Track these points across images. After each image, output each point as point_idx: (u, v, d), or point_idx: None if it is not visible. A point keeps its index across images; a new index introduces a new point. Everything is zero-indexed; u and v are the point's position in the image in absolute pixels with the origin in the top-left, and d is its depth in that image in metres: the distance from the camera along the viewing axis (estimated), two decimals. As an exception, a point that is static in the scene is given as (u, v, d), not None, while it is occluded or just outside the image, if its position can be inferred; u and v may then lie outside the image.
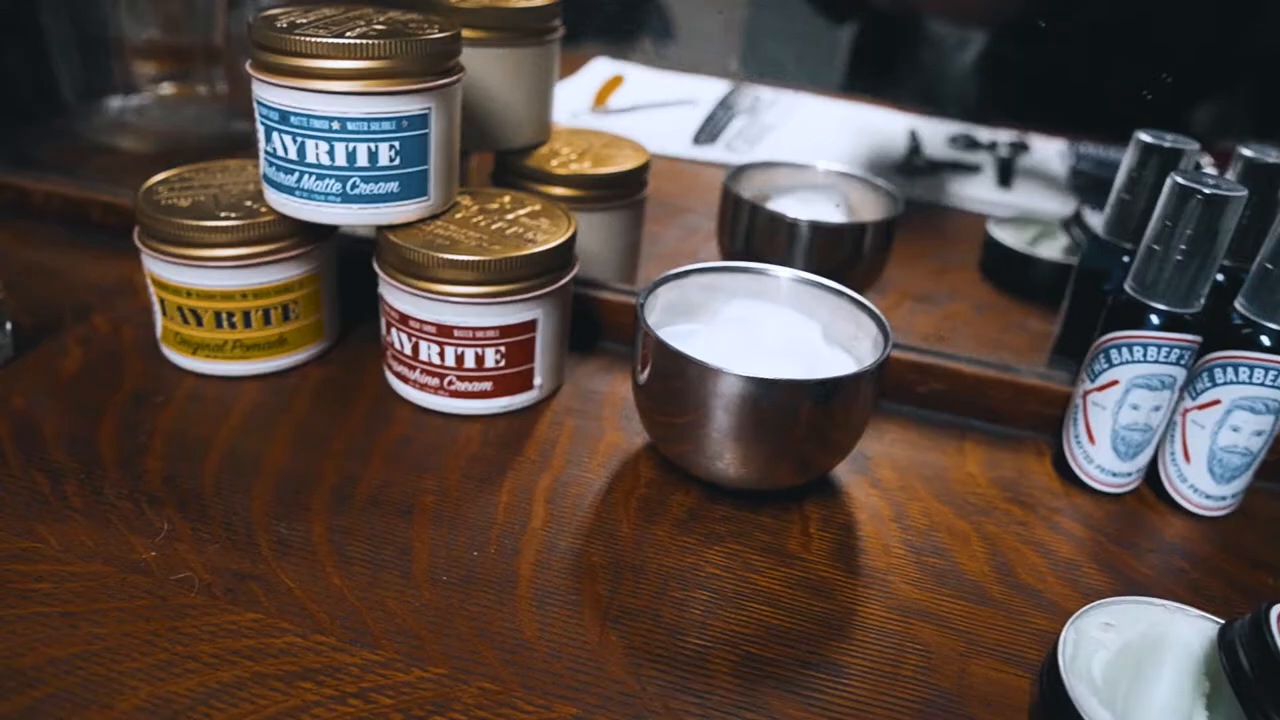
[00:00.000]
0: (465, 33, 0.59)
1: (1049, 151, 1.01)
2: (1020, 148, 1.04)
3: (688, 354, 0.47)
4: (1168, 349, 0.51)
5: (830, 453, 0.51)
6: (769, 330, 0.54)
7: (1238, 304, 0.52)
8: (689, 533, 0.49)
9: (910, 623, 0.45)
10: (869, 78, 1.21)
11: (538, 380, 0.56)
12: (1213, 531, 0.54)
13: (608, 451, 0.54)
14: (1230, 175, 0.55)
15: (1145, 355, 0.52)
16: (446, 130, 0.53)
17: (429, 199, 0.54)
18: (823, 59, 1.28)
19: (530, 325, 0.54)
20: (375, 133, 0.50)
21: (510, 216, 0.56)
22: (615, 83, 1.06)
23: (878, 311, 0.52)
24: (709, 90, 1.08)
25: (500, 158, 0.66)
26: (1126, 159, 0.58)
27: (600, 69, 1.10)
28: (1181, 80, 1.06)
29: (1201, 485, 0.54)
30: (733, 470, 0.49)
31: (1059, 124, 1.06)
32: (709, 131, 0.97)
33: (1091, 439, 0.55)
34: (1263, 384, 0.51)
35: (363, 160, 0.51)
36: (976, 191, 0.92)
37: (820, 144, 1.01)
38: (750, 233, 0.66)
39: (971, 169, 0.96)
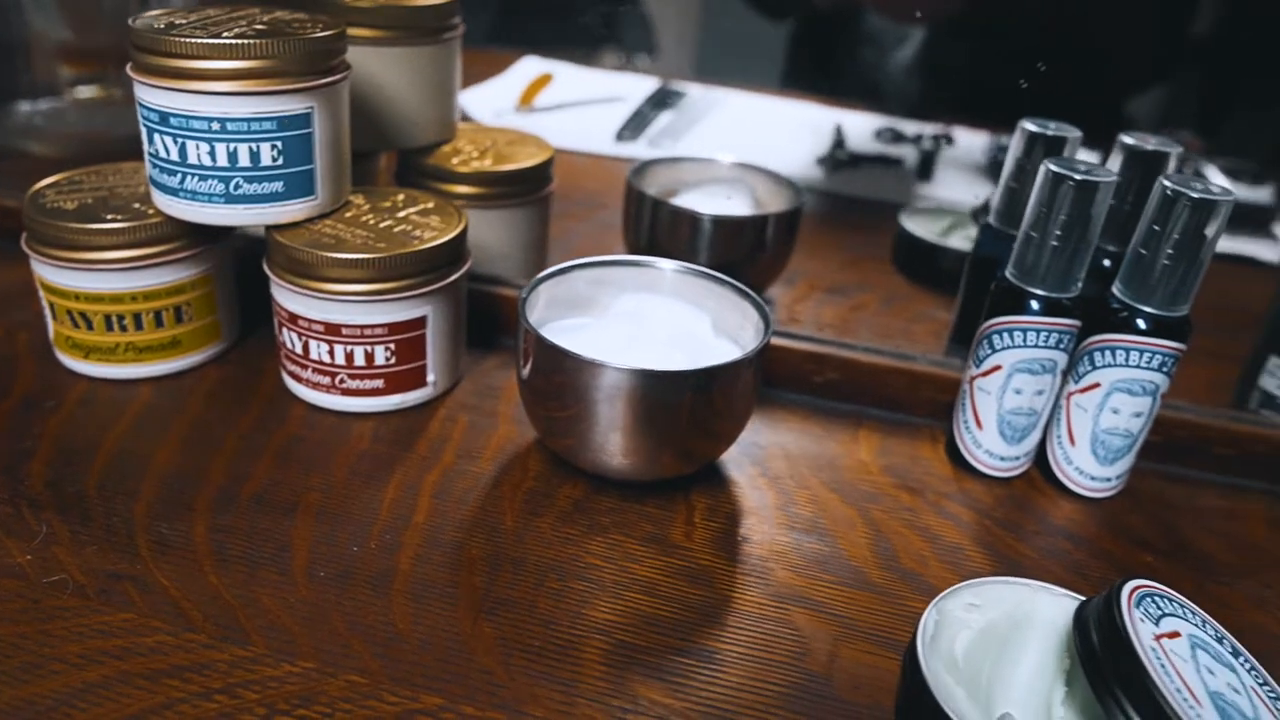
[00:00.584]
0: (361, 32, 0.59)
1: (974, 144, 1.02)
2: (945, 140, 1.05)
3: (566, 348, 0.47)
4: (1046, 333, 0.52)
5: (714, 441, 0.51)
6: (657, 323, 0.54)
7: (1115, 288, 0.53)
8: (573, 524, 0.49)
9: (787, 609, 0.46)
10: (807, 74, 1.22)
11: (431, 377, 0.56)
12: (1098, 512, 0.55)
13: (499, 446, 0.54)
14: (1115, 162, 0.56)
15: (1025, 340, 0.52)
16: (332, 129, 0.53)
17: (316, 198, 0.54)
18: (759, 56, 1.29)
19: (420, 322, 0.54)
20: (256, 133, 0.50)
21: (401, 214, 0.56)
22: (543, 81, 1.06)
23: (759, 300, 0.52)
24: (639, 88, 1.09)
25: (402, 157, 0.66)
26: (1013, 148, 0.58)
27: (529, 67, 1.10)
28: (1113, 72, 1.08)
29: (1086, 467, 0.55)
30: (617, 462, 0.50)
31: (992, 117, 1.07)
32: (633, 128, 0.98)
33: (979, 424, 0.55)
34: (1139, 366, 0.52)
35: (244, 161, 0.51)
36: (900, 184, 0.93)
37: (745, 139, 1.01)
38: (654, 228, 0.66)
39: (893, 162, 0.97)
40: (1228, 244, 0.89)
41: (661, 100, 1.06)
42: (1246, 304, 0.69)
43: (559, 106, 1.03)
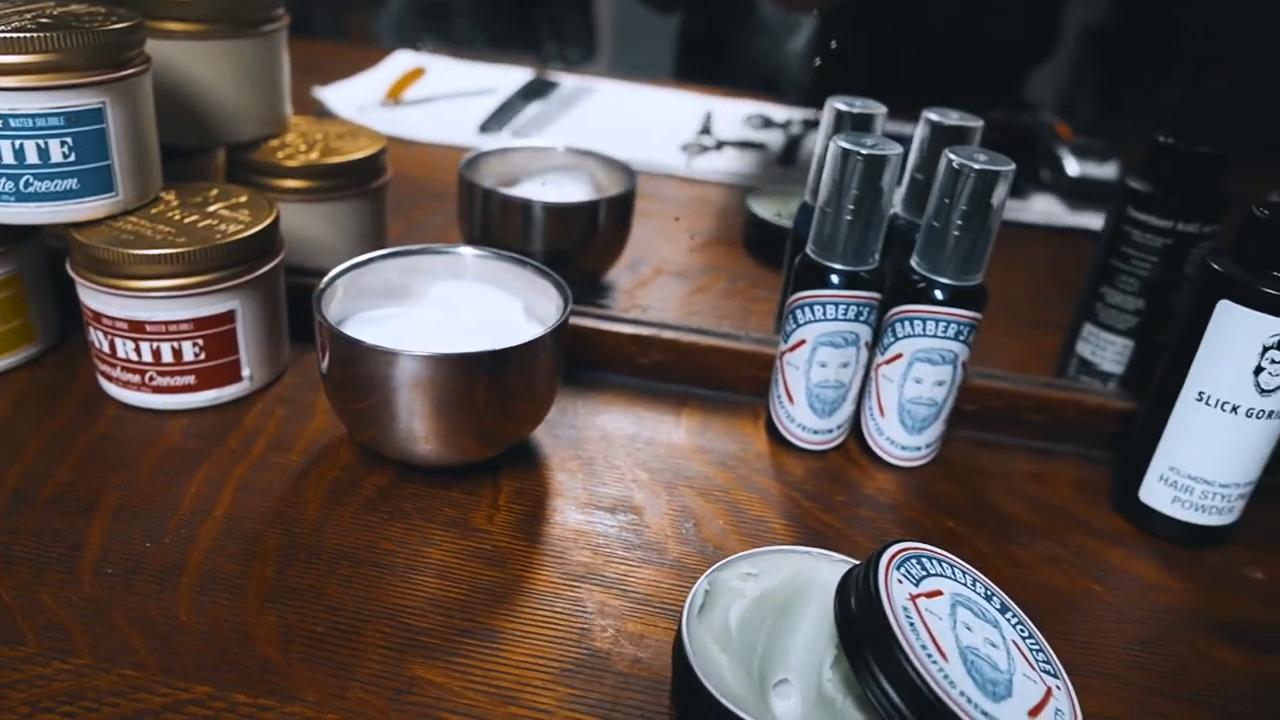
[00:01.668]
0: (176, 26, 0.59)
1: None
2: (813, 125, 1.06)
3: (357, 339, 0.48)
4: (845, 306, 0.53)
5: (516, 423, 0.52)
6: (467, 310, 0.55)
7: (913, 260, 0.54)
8: (375, 512, 0.49)
9: (578, 587, 0.46)
10: (701, 65, 1.22)
11: (246, 371, 0.56)
12: (909, 481, 0.56)
13: (312, 438, 0.54)
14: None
15: (825, 314, 0.53)
16: (131, 124, 0.53)
17: (117, 195, 0.53)
18: (645, 47, 1.30)
19: (228, 316, 0.54)
20: (43, 129, 0.50)
21: (211, 209, 0.56)
22: (415, 75, 1.06)
23: (560, 281, 0.53)
24: (512, 80, 1.09)
25: (229, 152, 0.65)
26: (822, 127, 0.59)
27: (401, 61, 1.10)
28: (995, 56, 1.10)
29: (896, 437, 0.56)
30: (419, 448, 0.50)
31: (884, 103, 1.08)
32: (498, 120, 0.98)
33: (790, 399, 0.56)
34: (936, 336, 0.53)
35: (33, 158, 0.50)
36: (763, 169, 0.94)
37: (613, 128, 1.02)
38: (486, 218, 0.66)
39: (757, 147, 0.98)
40: (1074, 218, 0.91)
41: (533, 91, 1.06)
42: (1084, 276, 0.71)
43: (428, 100, 1.03)
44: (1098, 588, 0.50)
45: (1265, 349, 0.48)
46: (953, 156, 0.50)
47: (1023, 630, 0.42)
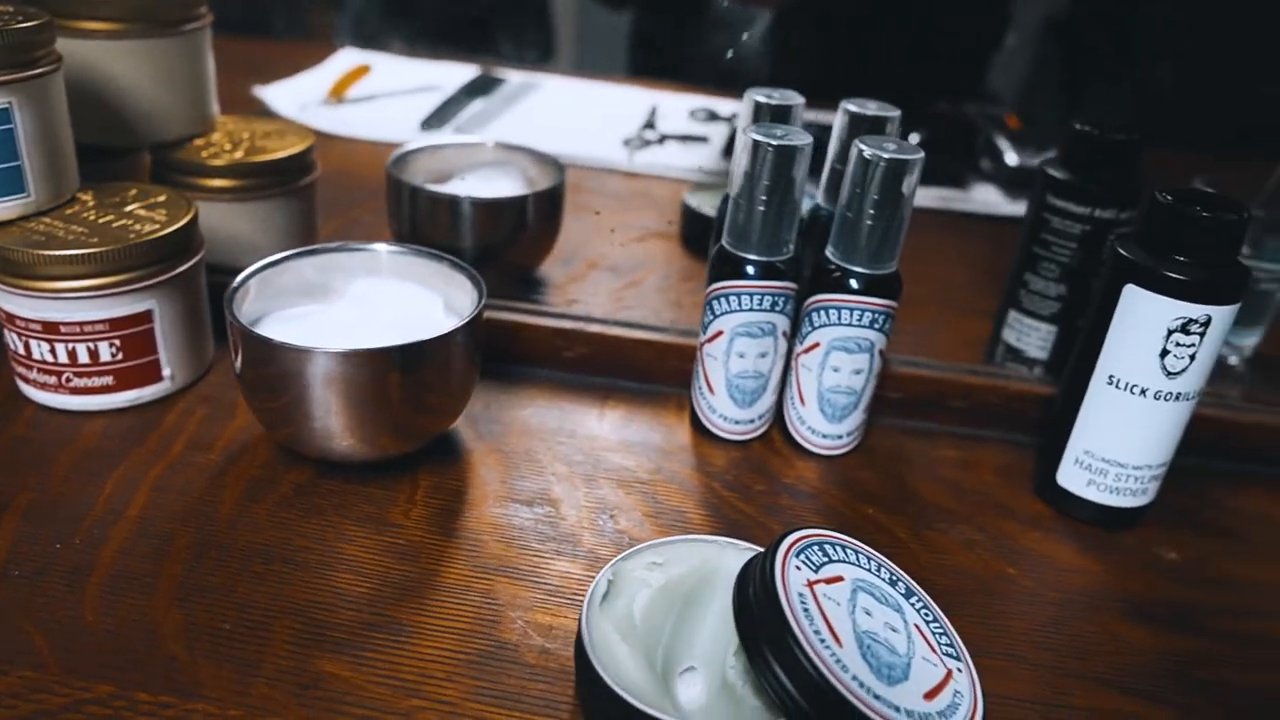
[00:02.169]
0: (95, 25, 0.58)
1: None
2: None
3: (268, 337, 0.48)
4: (760, 296, 0.53)
5: (433, 417, 0.52)
6: (385, 306, 0.55)
7: (828, 250, 0.54)
8: (291, 509, 0.49)
9: (490, 579, 0.47)
10: (656, 60, 1.23)
11: (167, 371, 0.56)
12: (831, 469, 0.56)
13: (233, 437, 0.54)
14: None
15: (741, 304, 0.53)
16: (42, 125, 0.52)
17: (29, 195, 0.53)
18: (595, 42, 1.30)
19: (145, 316, 0.54)
20: (-51, 130, 0.50)
21: (128, 209, 0.55)
22: (359, 72, 1.06)
23: (475, 274, 0.53)
24: (459, 77, 1.09)
25: (153, 152, 0.65)
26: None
27: (346, 59, 1.10)
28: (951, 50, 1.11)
29: (817, 426, 0.56)
30: (335, 445, 0.50)
31: (838, 96, 1.09)
32: (440, 117, 0.97)
33: (711, 389, 0.56)
34: (852, 324, 0.53)
35: (-60, 159, 0.50)
36: (705, 162, 0.94)
37: (554, 123, 1.02)
38: (414, 215, 0.66)
39: (700, 140, 0.98)
40: (1013, 207, 0.91)
41: (477, 88, 1.06)
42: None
43: (370, 98, 1.02)
44: (1012, 571, 0.51)
45: (1170, 332, 0.49)
46: (863, 146, 0.51)
47: (927, 614, 0.43)
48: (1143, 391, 0.50)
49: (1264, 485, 0.60)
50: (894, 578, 0.44)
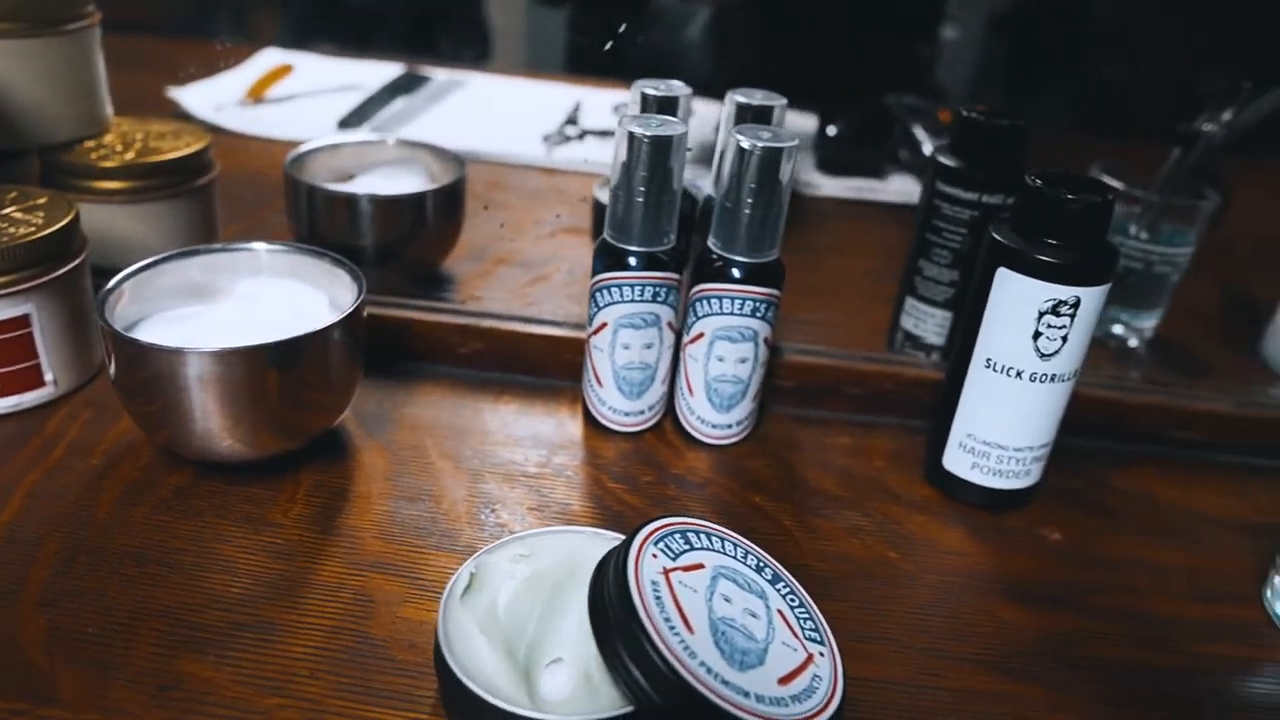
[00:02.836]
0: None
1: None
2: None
3: (136, 339, 0.47)
4: (642, 287, 0.53)
5: (313, 415, 0.51)
6: (270, 306, 0.54)
7: (709, 240, 0.54)
8: (168, 512, 0.49)
9: (365, 576, 0.46)
10: (592, 57, 1.22)
11: (49, 376, 0.55)
12: (721, 458, 0.57)
13: (116, 441, 0.54)
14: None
15: (623, 295, 0.54)
16: (-88, 129, 0.52)
17: (-99, 200, 0.52)
18: (526, 39, 1.30)
19: (23, 320, 0.53)
20: None
21: (5, 212, 0.55)
22: (281, 72, 1.05)
23: (355, 270, 0.53)
24: (383, 76, 1.08)
25: (41, 155, 0.64)
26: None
27: (268, 59, 1.09)
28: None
29: (706, 415, 0.57)
30: (213, 446, 0.49)
31: (779, 90, 1.09)
32: (360, 116, 0.97)
33: (599, 382, 0.56)
34: (734, 313, 0.54)
35: None
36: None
37: (476, 121, 1.02)
38: (312, 214, 0.66)
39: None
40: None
41: (400, 87, 1.06)
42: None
43: (290, 98, 1.02)
44: (894, 555, 0.51)
45: (1041, 314, 0.49)
46: (738, 136, 0.51)
47: (792, 600, 0.43)
48: (1018, 374, 0.51)
49: (1153, 465, 0.61)
50: (761, 564, 0.44)
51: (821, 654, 0.41)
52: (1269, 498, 0.59)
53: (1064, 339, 0.50)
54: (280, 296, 0.55)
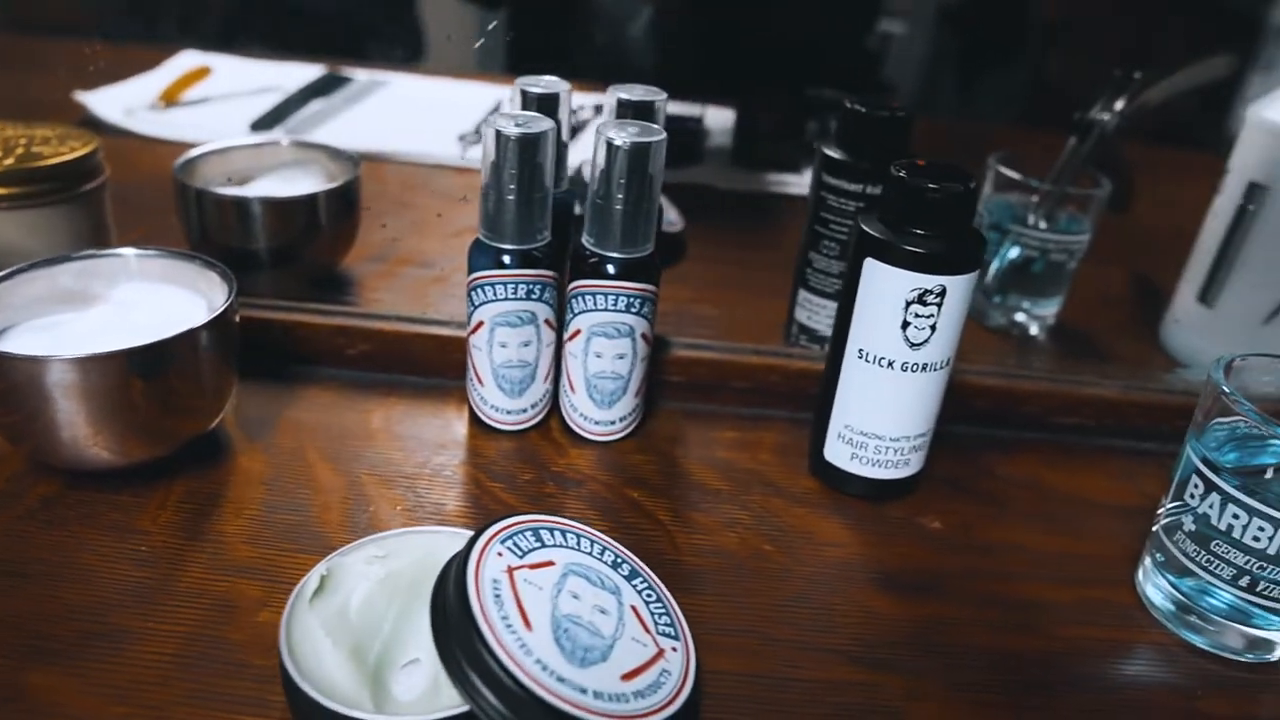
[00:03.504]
0: None
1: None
2: (597, 109, 1.07)
3: (-2, 348, 0.47)
4: (515, 285, 0.53)
5: (184, 419, 0.51)
6: (145, 311, 0.54)
7: (583, 237, 0.54)
8: (32, 522, 0.49)
9: (230, 581, 0.46)
10: (536, 57, 1.22)
11: (-80, 386, 0.54)
12: (605, 455, 0.57)
13: (-14, 450, 0.53)
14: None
15: (497, 294, 0.53)
16: None
17: None
18: (451, 38, 1.29)
19: (-112, 331, 0.52)
20: None
21: (-127, 222, 0.54)
22: (198, 75, 1.04)
23: (227, 271, 0.52)
24: (303, 77, 1.07)
25: (-80, 162, 0.64)
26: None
27: (186, 61, 1.08)
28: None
29: (588, 412, 0.57)
30: (81, 454, 0.49)
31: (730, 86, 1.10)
32: (274, 118, 0.96)
33: (480, 381, 0.56)
34: (609, 310, 0.54)
35: None
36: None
37: (393, 121, 1.01)
38: (203, 219, 0.65)
39: (537, 132, 0.98)
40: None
41: (319, 88, 1.05)
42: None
43: (205, 100, 1.01)
44: (769, 548, 0.51)
45: (908, 304, 0.50)
46: (606, 132, 0.51)
47: (649, 595, 0.43)
48: (889, 364, 0.51)
49: (1040, 452, 0.61)
50: (619, 559, 0.44)
51: (674, 649, 0.41)
52: (1155, 482, 0.59)
53: (932, 328, 0.50)
54: (155, 302, 0.55)
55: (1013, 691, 0.45)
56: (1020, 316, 0.76)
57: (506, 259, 0.53)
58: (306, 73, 1.08)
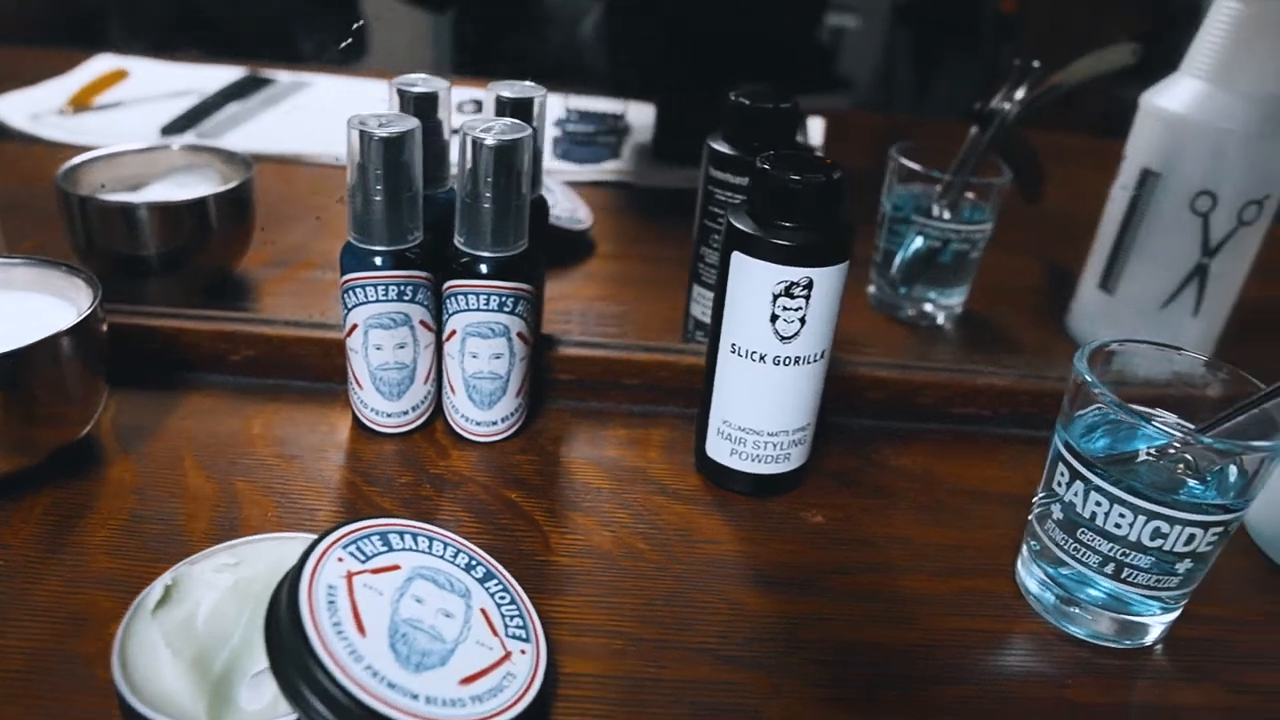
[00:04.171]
0: None
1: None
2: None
3: None
4: (387, 286, 0.53)
5: (48, 429, 0.50)
6: (10, 320, 0.53)
7: (455, 237, 0.53)
8: (-112, 537, 0.48)
9: (87, 594, 0.46)
10: (486, 59, 1.21)
11: None
12: (488, 456, 0.56)
13: None
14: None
15: (369, 296, 0.53)
16: None
17: None
18: (383, 38, 1.28)
19: None
20: None
21: None
22: (114, 78, 1.03)
23: (91, 277, 0.52)
24: (224, 80, 1.06)
25: None
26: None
27: (101, 64, 1.07)
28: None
29: (470, 413, 0.56)
30: (-63, 466, 0.48)
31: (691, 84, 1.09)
32: (186, 121, 0.95)
33: (359, 384, 0.56)
34: (482, 309, 0.53)
35: None
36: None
37: (309, 123, 1.00)
38: (88, 227, 0.64)
39: (455, 133, 0.97)
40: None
41: (237, 90, 1.04)
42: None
43: (118, 105, 1.00)
44: (644, 547, 0.51)
45: (775, 297, 0.49)
46: (469, 131, 0.50)
47: (502, 597, 0.43)
48: (761, 357, 0.51)
49: (934, 443, 0.61)
50: (473, 562, 0.43)
51: (523, 651, 0.41)
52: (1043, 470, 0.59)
53: (802, 320, 0.50)
54: (21, 311, 0.54)
55: (878, 687, 0.44)
56: (928, 307, 0.76)
57: (378, 260, 0.52)
58: (228, 75, 1.07)
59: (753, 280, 0.49)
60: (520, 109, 0.57)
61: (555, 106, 1.09)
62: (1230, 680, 0.47)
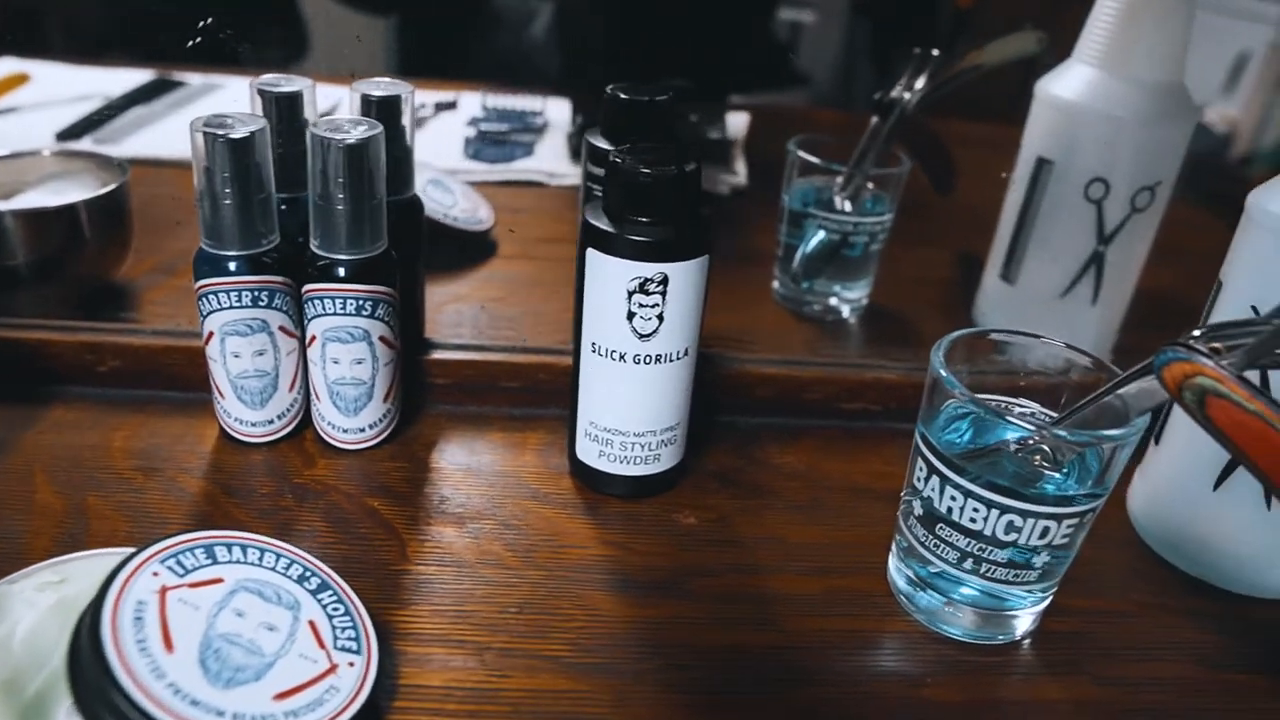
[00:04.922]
0: None
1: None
2: (446, 107, 1.05)
3: None
4: (240, 293, 0.51)
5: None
6: None
7: (310, 240, 0.52)
8: None
9: (-89, 616, 0.43)
10: (436, 60, 1.20)
11: None
12: (356, 464, 0.55)
13: None
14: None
15: (223, 302, 0.51)
16: None
17: None
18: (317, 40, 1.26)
19: None
20: None
21: None
22: (13, 82, 1.01)
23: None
24: (132, 83, 1.04)
25: None
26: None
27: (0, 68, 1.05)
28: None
29: (335, 420, 0.55)
30: None
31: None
32: (84, 126, 0.93)
33: (221, 393, 0.54)
34: (340, 313, 0.52)
35: None
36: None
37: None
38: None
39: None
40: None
41: (143, 94, 1.02)
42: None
43: (14, 110, 0.98)
44: (505, 553, 0.50)
45: (630, 294, 0.48)
46: (317, 130, 0.49)
47: (335, 609, 0.41)
48: (621, 357, 0.50)
49: (821, 439, 0.60)
50: (306, 573, 0.42)
51: (351, 664, 0.40)
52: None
53: (660, 318, 0.49)
54: None
55: (732, 691, 0.43)
56: (833, 301, 0.75)
57: (231, 265, 0.51)
58: (136, 78, 1.05)
59: (608, 277, 0.48)
60: (386, 107, 0.56)
61: (472, 105, 1.08)
62: (1096, 673, 0.46)
